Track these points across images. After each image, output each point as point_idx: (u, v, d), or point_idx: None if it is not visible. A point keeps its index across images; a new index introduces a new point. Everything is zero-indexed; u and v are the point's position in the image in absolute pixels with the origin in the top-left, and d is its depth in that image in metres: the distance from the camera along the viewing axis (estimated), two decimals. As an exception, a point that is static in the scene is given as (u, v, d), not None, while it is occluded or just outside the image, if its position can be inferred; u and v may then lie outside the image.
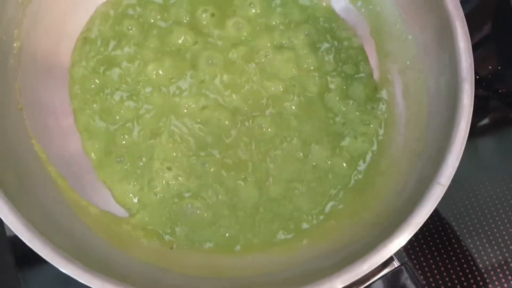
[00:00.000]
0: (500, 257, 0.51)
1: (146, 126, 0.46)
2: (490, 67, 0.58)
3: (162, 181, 0.45)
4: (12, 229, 0.33)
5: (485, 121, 0.58)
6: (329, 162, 0.47)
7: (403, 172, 0.43)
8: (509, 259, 0.51)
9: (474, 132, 0.56)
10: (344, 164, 0.47)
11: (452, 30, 0.40)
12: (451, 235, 0.52)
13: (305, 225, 0.45)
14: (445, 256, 0.51)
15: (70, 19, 0.48)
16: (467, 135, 0.38)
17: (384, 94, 0.49)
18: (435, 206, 0.36)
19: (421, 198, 0.36)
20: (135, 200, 0.45)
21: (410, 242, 0.36)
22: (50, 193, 0.41)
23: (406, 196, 0.40)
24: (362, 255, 0.35)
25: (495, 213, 0.52)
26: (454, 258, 0.51)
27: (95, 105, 0.47)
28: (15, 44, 0.43)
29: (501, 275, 0.50)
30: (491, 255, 0.51)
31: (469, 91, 0.39)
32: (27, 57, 0.44)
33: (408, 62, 0.47)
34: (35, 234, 0.33)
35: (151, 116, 0.47)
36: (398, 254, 0.36)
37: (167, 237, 0.44)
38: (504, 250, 0.51)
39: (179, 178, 0.45)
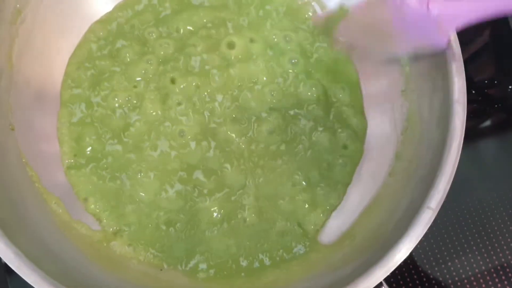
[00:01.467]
0: (497, 262, 0.51)
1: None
2: (487, 74, 0.59)
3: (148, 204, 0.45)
4: (1, 256, 0.33)
5: (487, 123, 0.58)
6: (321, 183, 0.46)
7: (395, 194, 0.43)
8: (505, 264, 0.51)
9: (475, 135, 0.57)
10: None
11: (446, 52, 0.40)
12: (432, 258, 0.51)
13: (295, 249, 0.45)
14: (425, 279, 0.50)
15: (63, 39, 0.49)
16: (458, 158, 0.37)
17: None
18: (425, 230, 0.36)
19: (411, 223, 0.36)
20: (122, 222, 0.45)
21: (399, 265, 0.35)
22: (41, 216, 0.41)
23: (398, 218, 0.39)
24: (352, 279, 0.35)
25: (492, 218, 0.52)
26: (434, 282, 0.50)
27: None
28: (7, 64, 0.43)
29: (497, 279, 0.50)
30: (487, 260, 0.51)
31: (461, 113, 0.38)
32: (19, 78, 0.44)
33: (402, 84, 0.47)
34: (23, 260, 0.33)
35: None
36: (387, 279, 0.36)
37: (156, 258, 0.44)
38: (507, 252, 0.51)
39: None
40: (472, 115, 0.39)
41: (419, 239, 0.36)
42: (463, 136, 0.38)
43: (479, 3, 0.36)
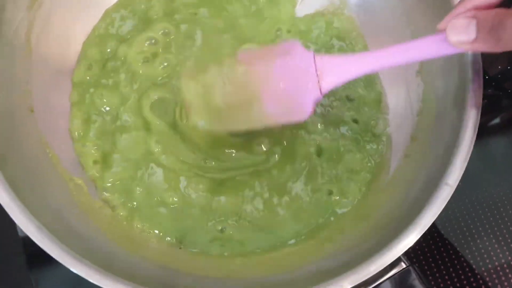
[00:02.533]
0: (510, 257, 0.50)
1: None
2: (499, 67, 0.58)
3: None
4: (24, 230, 0.34)
5: (496, 120, 0.58)
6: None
7: (411, 173, 0.43)
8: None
9: (485, 132, 0.56)
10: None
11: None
12: (460, 236, 0.51)
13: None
14: (453, 256, 0.50)
15: (80, 22, 0.49)
16: (475, 136, 0.38)
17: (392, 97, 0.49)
18: (443, 207, 0.36)
19: (429, 199, 0.36)
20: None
21: (418, 242, 0.35)
22: (61, 195, 0.42)
23: (414, 197, 0.40)
24: (370, 256, 0.35)
25: (504, 213, 0.52)
26: (462, 259, 0.50)
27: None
28: (26, 48, 0.44)
29: (510, 275, 0.50)
30: (500, 255, 0.50)
31: (477, 91, 0.39)
32: (38, 60, 0.45)
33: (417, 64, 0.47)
34: (46, 234, 0.34)
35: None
36: (406, 254, 0.36)
37: (174, 239, 0.44)
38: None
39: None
40: (482, 112, 0.39)
41: (437, 215, 0.36)
42: (479, 114, 0.38)
43: (361, 63, 0.37)
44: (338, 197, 0.46)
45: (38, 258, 0.48)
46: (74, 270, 0.33)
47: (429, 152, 0.42)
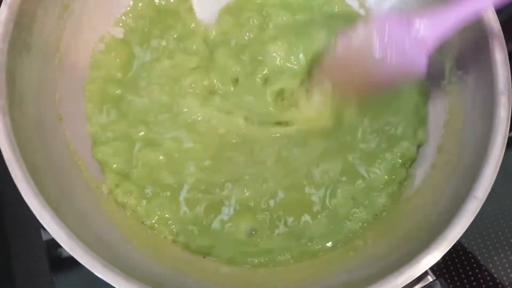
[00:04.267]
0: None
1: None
2: None
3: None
4: (55, 238, 0.34)
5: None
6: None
7: (438, 185, 0.43)
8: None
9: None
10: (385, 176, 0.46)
11: (489, 42, 0.40)
12: (484, 249, 0.51)
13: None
14: (477, 270, 0.50)
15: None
16: (504, 149, 0.37)
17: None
18: (471, 220, 0.36)
19: (457, 212, 0.36)
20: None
21: (444, 256, 0.35)
22: (89, 202, 0.42)
23: (442, 209, 0.39)
24: (397, 268, 0.35)
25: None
26: (486, 272, 0.50)
27: None
28: (56, 56, 0.44)
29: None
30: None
31: (506, 104, 0.38)
32: (67, 69, 0.45)
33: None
34: (76, 242, 0.34)
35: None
36: (432, 268, 0.36)
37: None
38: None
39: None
40: None
41: (465, 228, 0.36)
42: (508, 127, 0.38)
43: (458, 8, 0.37)
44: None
45: (61, 262, 0.49)
46: (103, 277, 0.33)
47: (456, 164, 0.42)
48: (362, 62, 0.42)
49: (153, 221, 0.45)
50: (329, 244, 0.44)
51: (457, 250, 0.51)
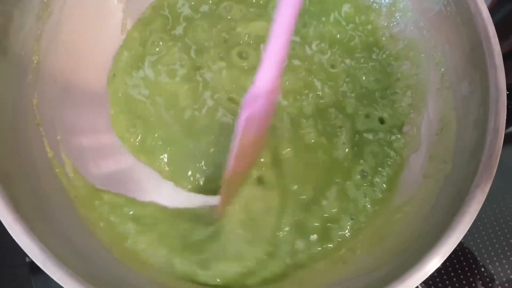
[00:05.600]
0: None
1: None
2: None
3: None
4: (25, 251, 0.32)
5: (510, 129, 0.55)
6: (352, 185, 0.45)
7: (429, 196, 0.41)
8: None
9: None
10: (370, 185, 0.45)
11: (483, 47, 0.39)
12: (479, 258, 0.50)
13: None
14: (471, 279, 0.49)
15: (90, 35, 0.48)
16: (497, 161, 0.36)
17: (411, 114, 0.47)
18: (465, 233, 0.34)
19: (449, 226, 0.34)
20: None
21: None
22: (66, 212, 0.40)
23: (434, 221, 0.38)
24: (387, 283, 0.33)
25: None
26: (481, 282, 0.49)
27: None
28: (34, 59, 0.42)
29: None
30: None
31: (501, 113, 0.37)
32: (46, 73, 0.43)
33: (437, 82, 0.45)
34: (49, 256, 0.32)
35: None
36: (424, 282, 0.34)
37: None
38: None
39: None
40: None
41: (458, 242, 0.34)
42: (503, 136, 0.37)
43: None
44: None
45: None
46: (77, 294, 0.32)
47: (449, 174, 0.40)
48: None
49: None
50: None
51: (451, 259, 0.49)
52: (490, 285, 0.49)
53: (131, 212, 0.43)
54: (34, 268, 0.46)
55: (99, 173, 0.45)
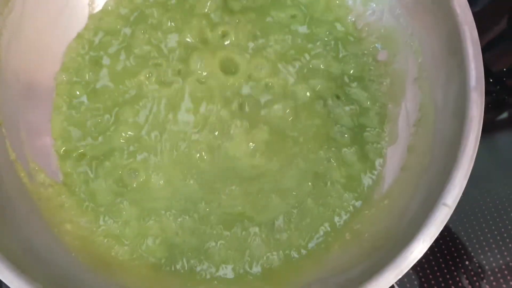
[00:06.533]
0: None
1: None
2: (505, 63, 0.56)
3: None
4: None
5: (504, 115, 0.55)
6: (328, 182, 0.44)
7: (406, 189, 0.40)
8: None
9: (492, 127, 0.54)
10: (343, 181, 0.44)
11: (461, 35, 0.38)
12: (472, 235, 0.49)
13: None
14: (465, 257, 0.48)
15: (55, 30, 0.46)
16: (476, 150, 0.35)
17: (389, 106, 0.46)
18: (441, 228, 0.33)
19: (425, 221, 0.33)
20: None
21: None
22: (29, 216, 0.39)
23: (410, 217, 0.37)
24: (360, 283, 0.32)
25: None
26: (472, 271, 0.48)
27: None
28: (-6, 58, 0.41)
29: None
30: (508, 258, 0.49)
31: (479, 102, 0.36)
32: (8, 72, 0.42)
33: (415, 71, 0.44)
34: (6, 264, 0.31)
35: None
36: (400, 279, 0.33)
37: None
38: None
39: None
40: (490, 106, 0.36)
41: (434, 238, 0.33)
42: (481, 127, 0.35)
43: None
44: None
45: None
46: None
47: (427, 166, 0.39)
48: None
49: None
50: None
51: (444, 235, 0.49)
52: (482, 275, 0.48)
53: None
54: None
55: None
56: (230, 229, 0.42)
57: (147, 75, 0.46)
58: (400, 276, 0.32)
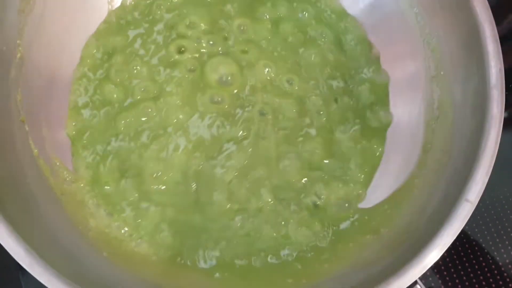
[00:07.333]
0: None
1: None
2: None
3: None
4: (11, 254, 0.31)
5: (504, 115, 0.54)
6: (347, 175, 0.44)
7: (426, 186, 0.40)
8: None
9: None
10: (362, 176, 0.44)
11: (480, 32, 0.38)
12: (476, 247, 0.49)
13: (321, 243, 0.42)
14: (481, 259, 0.48)
15: (75, 27, 0.47)
16: (497, 147, 0.35)
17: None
18: (464, 224, 0.33)
19: (448, 217, 0.33)
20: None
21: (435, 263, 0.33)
22: (53, 211, 0.39)
23: (431, 213, 0.37)
24: (384, 278, 0.33)
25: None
26: (491, 261, 0.48)
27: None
28: (17, 54, 0.41)
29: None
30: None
31: (499, 99, 0.36)
32: (29, 68, 0.42)
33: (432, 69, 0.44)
34: (35, 258, 0.31)
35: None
36: (423, 277, 0.34)
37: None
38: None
39: None
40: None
41: (457, 233, 0.33)
42: (502, 124, 0.36)
43: None
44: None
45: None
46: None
47: (447, 163, 0.39)
48: None
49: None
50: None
51: (460, 237, 0.48)
52: (495, 271, 0.48)
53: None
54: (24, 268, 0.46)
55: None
56: None
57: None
58: (424, 271, 0.32)
